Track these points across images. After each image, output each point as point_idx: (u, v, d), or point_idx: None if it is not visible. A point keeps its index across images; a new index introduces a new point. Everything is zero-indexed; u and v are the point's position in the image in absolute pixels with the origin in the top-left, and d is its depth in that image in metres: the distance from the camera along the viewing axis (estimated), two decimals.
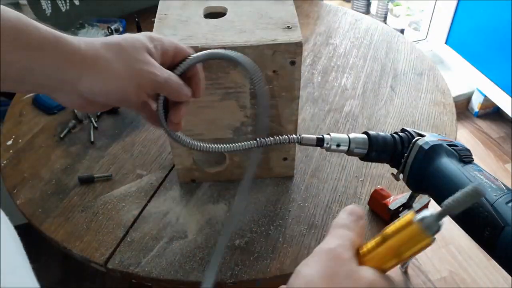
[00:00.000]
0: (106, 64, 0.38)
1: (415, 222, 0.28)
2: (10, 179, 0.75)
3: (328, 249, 0.31)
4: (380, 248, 0.30)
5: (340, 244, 0.31)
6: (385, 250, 0.30)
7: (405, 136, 0.52)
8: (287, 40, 0.56)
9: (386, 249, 0.30)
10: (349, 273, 0.29)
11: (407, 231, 0.29)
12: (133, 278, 0.61)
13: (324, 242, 0.32)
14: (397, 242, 0.29)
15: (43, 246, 1.56)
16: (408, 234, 0.29)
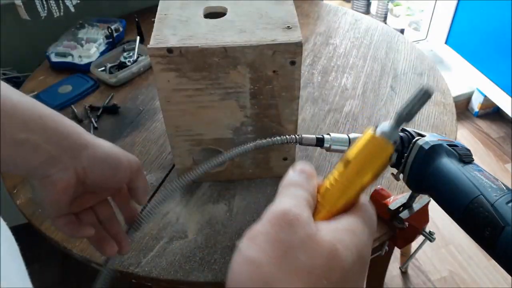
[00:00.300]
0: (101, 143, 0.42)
1: (377, 135, 0.29)
2: (10, 179, 0.75)
3: (282, 211, 0.26)
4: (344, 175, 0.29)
5: (295, 204, 0.27)
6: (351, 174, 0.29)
7: (405, 136, 0.52)
8: (287, 40, 0.56)
9: (351, 173, 0.29)
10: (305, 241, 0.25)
11: (370, 146, 0.29)
12: (133, 278, 0.61)
13: (276, 203, 0.28)
14: (362, 160, 0.29)
15: (43, 246, 1.56)
16: (372, 148, 0.29)
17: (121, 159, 0.43)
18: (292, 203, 0.27)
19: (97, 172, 0.41)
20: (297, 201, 0.28)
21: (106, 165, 0.42)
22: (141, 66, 0.99)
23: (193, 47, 0.55)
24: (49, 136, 0.38)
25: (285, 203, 0.27)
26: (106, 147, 0.42)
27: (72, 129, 0.40)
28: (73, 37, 1.06)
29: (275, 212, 0.26)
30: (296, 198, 0.28)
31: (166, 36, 0.57)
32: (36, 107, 0.38)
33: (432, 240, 0.64)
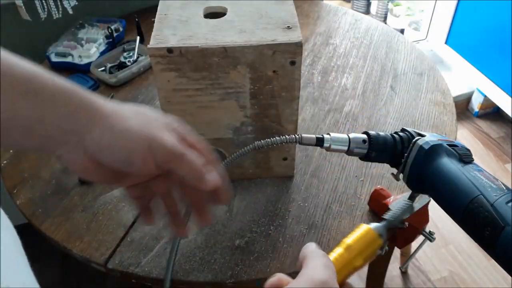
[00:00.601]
0: (120, 119, 0.34)
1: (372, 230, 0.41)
2: (10, 179, 0.75)
3: (322, 281, 0.31)
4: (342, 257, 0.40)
5: (331, 276, 0.32)
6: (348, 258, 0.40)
7: (405, 136, 0.52)
8: (287, 40, 0.56)
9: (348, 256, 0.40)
10: None
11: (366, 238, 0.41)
12: (133, 278, 0.61)
13: (313, 270, 0.32)
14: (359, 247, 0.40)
15: (43, 246, 1.56)
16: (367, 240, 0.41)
17: (136, 146, 0.34)
18: (328, 275, 0.31)
19: (107, 159, 0.34)
20: (332, 272, 0.32)
21: (115, 153, 0.34)
22: (141, 66, 0.99)
23: (193, 47, 0.56)
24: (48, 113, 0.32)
25: (323, 274, 0.31)
26: (119, 127, 0.34)
27: (80, 103, 0.33)
28: (73, 37, 1.06)
29: (315, 279, 0.31)
30: (330, 269, 0.32)
31: (166, 36, 0.57)
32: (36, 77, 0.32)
33: (432, 240, 0.64)
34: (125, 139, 0.34)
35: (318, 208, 0.69)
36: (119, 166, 0.35)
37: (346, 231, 0.65)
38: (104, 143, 0.33)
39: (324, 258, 0.33)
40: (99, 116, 0.34)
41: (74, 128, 0.33)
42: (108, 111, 0.34)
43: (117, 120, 0.34)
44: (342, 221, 0.66)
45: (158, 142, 0.34)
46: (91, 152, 0.34)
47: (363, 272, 1.37)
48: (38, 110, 0.31)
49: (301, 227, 0.66)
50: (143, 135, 0.34)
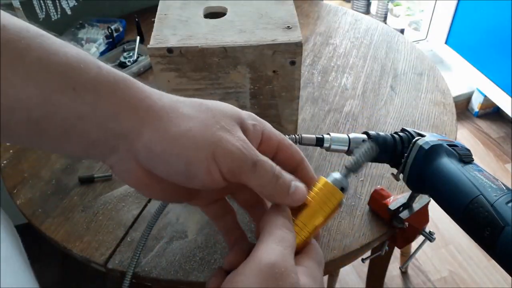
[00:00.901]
0: (178, 120, 0.28)
1: (330, 183, 0.34)
2: (10, 179, 0.75)
3: (269, 265, 0.26)
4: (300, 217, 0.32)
5: (282, 254, 0.27)
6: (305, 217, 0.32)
7: (405, 136, 0.52)
8: (287, 40, 0.56)
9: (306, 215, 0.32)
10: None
11: (323, 192, 0.33)
12: (133, 278, 0.61)
13: (262, 251, 0.27)
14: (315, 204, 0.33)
15: (43, 246, 1.56)
16: (324, 194, 0.33)
17: (196, 155, 0.27)
18: (278, 254, 0.27)
19: (162, 170, 0.28)
20: (285, 249, 0.28)
21: (171, 163, 0.28)
22: (141, 66, 0.99)
23: (193, 47, 0.56)
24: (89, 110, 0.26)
25: (271, 254, 0.27)
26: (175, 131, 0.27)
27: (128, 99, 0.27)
28: (73, 37, 1.06)
29: (261, 265, 0.26)
30: (283, 244, 0.28)
31: (166, 36, 0.57)
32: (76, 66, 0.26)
33: (432, 240, 0.64)
34: (183, 146, 0.27)
35: None
36: (177, 179, 0.29)
37: (346, 231, 0.65)
38: (156, 150, 0.27)
39: (279, 231, 0.29)
40: (151, 116, 0.28)
41: (120, 130, 0.27)
42: (163, 109, 0.28)
43: (173, 121, 0.28)
44: (342, 221, 0.66)
45: (224, 148, 0.28)
46: (142, 161, 0.28)
47: (363, 272, 1.37)
48: (79, 106, 0.26)
49: None
50: (206, 141, 0.28)
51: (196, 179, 0.28)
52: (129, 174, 0.29)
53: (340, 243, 0.63)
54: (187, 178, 0.28)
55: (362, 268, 1.38)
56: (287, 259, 0.27)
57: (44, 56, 0.25)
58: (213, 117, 0.29)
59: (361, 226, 0.66)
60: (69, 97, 0.26)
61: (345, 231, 0.65)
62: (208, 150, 0.28)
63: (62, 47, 0.27)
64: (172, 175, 0.28)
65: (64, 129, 0.26)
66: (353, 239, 0.64)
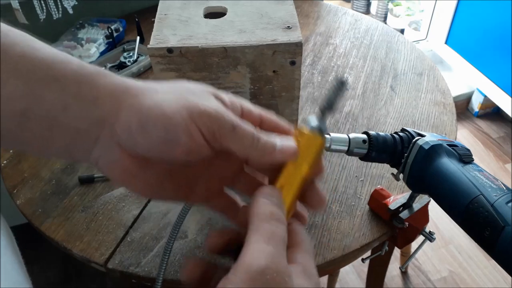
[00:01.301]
0: (152, 94, 0.28)
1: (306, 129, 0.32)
2: (10, 179, 0.75)
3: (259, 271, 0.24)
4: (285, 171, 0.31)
5: (274, 255, 0.25)
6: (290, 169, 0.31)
7: (405, 136, 0.52)
8: (287, 40, 0.56)
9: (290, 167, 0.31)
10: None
11: (303, 140, 0.31)
12: (133, 278, 0.61)
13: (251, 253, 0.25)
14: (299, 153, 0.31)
15: (43, 246, 1.56)
16: (303, 142, 0.31)
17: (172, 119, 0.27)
18: (268, 255, 0.25)
19: (145, 146, 0.28)
20: (274, 247, 0.26)
21: (151, 134, 0.28)
22: (141, 66, 0.99)
23: (193, 47, 0.56)
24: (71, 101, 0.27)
25: (261, 257, 0.25)
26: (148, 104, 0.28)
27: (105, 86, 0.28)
28: (73, 37, 1.06)
29: (251, 271, 0.24)
30: (273, 241, 0.26)
31: (166, 36, 0.57)
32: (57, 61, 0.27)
33: (432, 240, 0.64)
34: (159, 114, 0.27)
35: None
36: (161, 151, 0.28)
37: (346, 231, 0.65)
38: (134, 127, 0.28)
39: (267, 224, 0.27)
40: (127, 96, 0.28)
41: (100, 116, 0.28)
42: (138, 89, 0.29)
43: (147, 95, 0.28)
44: (342, 221, 0.66)
45: (200, 110, 0.28)
46: (124, 143, 0.28)
47: (363, 272, 1.37)
48: (62, 97, 0.27)
49: None
50: (181, 106, 0.28)
51: (179, 145, 0.28)
52: (115, 165, 0.29)
53: (340, 243, 0.63)
54: (169, 145, 0.28)
55: (362, 268, 1.38)
56: (279, 260, 0.26)
57: (28, 51, 0.26)
58: (186, 90, 0.30)
59: (361, 226, 0.66)
60: (53, 88, 0.27)
61: (345, 231, 0.65)
62: (185, 113, 0.28)
63: (44, 45, 0.28)
64: (154, 147, 0.28)
65: (48, 121, 0.27)
66: (353, 239, 0.64)
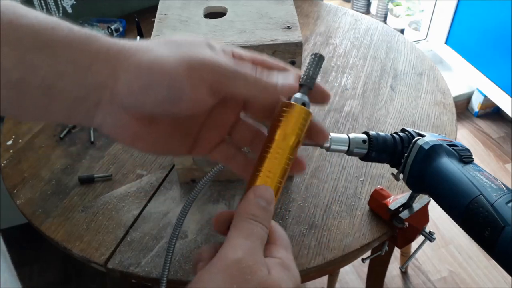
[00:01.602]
0: (148, 52, 0.28)
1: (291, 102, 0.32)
2: (10, 179, 0.75)
3: (235, 261, 0.26)
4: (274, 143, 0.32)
5: (249, 249, 0.27)
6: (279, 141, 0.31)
7: (405, 136, 0.52)
8: (287, 40, 0.56)
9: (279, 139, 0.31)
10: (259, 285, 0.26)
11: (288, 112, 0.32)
12: (133, 278, 0.61)
13: (229, 246, 0.27)
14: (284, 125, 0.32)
15: (43, 246, 1.56)
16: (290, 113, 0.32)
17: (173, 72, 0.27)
18: (245, 248, 0.27)
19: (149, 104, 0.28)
20: (251, 243, 0.27)
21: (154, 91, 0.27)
22: None
23: None
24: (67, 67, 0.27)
25: (237, 250, 0.27)
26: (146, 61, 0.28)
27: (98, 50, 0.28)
28: None
29: (228, 261, 0.26)
30: (250, 238, 0.28)
31: (166, 36, 0.57)
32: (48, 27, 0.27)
33: (432, 240, 0.64)
34: (158, 71, 0.27)
35: (318, 208, 0.69)
36: (166, 109, 0.28)
37: (346, 231, 0.65)
38: (135, 85, 0.27)
39: (247, 224, 0.28)
40: (123, 58, 0.28)
41: (97, 82, 0.28)
42: (132, 48, 0.28)
43: (143, 54, 0.28)
44: (342, 221, 0.66)
45: (200, 60, 0.28)
46: (127, 104, 0.28)
47: (363, 272, 1.37)
48: (55, 64, 0.27)
49: (301, 227, 0.66)
50: (180, 59, 0.28)
51: (183, 100, 0.28)
52: (119, 127, 0.29)
53: (340, 243, 0.63)
54: (174, 101, 0.28)
55: (362, 268, 1.38)
56: (256, 252, 0.27)
57: (14, 19, 0.26)
58: (181, 42, 0.29)
59: (361, 226, 0.66)
60: (45, 55, 0.26)
61: (345, 231, 0.65)
62: (185, 67, 0.27)
63: (31, 11, 0.27)
64: (158, 105, 0.28)
65: (45, 89, 0.27)
66: (353, 239, 0.64)
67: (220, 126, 0.34)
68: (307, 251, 0.63)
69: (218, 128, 0.34)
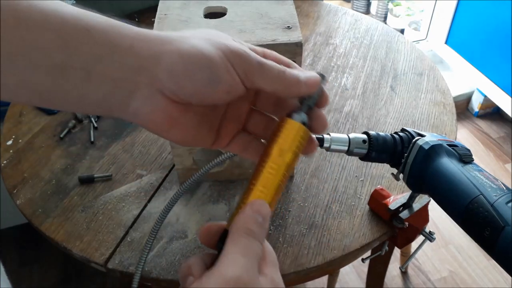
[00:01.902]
0: (184, 39, 0.30)
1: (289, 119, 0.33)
2: (10, 179, 0.75)
3: (233, 279, 0.26)
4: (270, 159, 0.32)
5: (246, 266, 0.27)
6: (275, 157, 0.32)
7: (405, 136, 0.52)
8: (287, 40, 0.56)
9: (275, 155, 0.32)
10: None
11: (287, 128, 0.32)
12: (133, 278, 0.61)
13: (227, 262, 0.27)
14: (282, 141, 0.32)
15: (43, 246, 1.56)
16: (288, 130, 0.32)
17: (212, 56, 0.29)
18: (242, 266, 0.27)
19: (190, 86, 0.29)
20: (249, 260, 0.28)
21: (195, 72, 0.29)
22: None
23: None
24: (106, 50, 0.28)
25: (235, 267, 0.27)
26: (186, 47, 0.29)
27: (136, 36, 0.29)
28: None
29: (226, 278, 0.26)
30: (248, 255, 0.28)
31: None
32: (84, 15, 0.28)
33: (432, 240, 0.64)
34: (199, 56, 0.29)
35: (318, 208, 0.69)
36: (205, 93, 0.29)
37: (346, 231, 0.65)
38: (178, 69, 0.29)
39: (244, 239, 0.29)
40: (162, 42, 0.29)
41: (137, 64, 0.28)
42: (169, 36, 0.30)
43: (181, 41, 0.29)
44: (342, 221, 0.66)
45: (233, 50, 0.30)
46: (167, 87, 0.29)
47: (363, 272, 1.37)
48: (95, 48, 0.28)
49: (301, 227, 0.66)
50: (214, 47, 0.29)
51: (221, 83, 0.29)
52: (158, 113, 0.30)
53: (340, 243, 0.64)
54: (213, 85, 0.29)
55: (362, 268, 1.38)
56: (253, 270, 0.28)
57: (57, 7, 0.27)
58: (211, 34, 0.31)
59: (361, 226, 0.66)
60: (85, 39, 0.27)
61: (345, 231, 0.65)
62: (221, 54, 0.29)
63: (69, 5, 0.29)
64: (199, 89, 0.29)
65: (84, 73, 0.27)
66: (353, 239, 0.64)
67: (238, 117, 0.35)
68: (307, 251, 0.63)
69: (236, 119, 0.35)
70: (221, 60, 0.29)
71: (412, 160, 0.49)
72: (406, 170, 0.50)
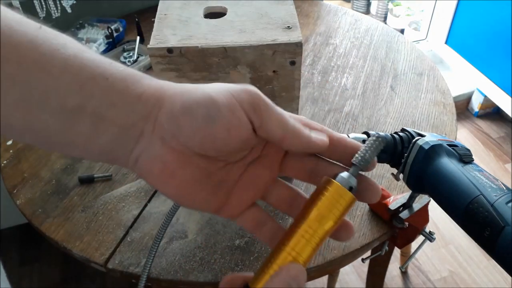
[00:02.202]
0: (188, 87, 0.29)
1: (337, 183, 0.29)
2: (10, 179, 0.75)
3: None
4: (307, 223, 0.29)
5: None
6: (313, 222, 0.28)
7: (405, 136, 0.52)
8: (287, 40, 0.56)
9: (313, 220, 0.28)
10: None
11: (332, 193, 0.29)
12: (133, 278, 0.61)
13: None
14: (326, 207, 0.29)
15: (43, 246, 1.56)
16: (333, 195, 0.29)
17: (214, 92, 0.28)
18: None
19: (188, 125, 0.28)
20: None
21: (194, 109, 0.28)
22: (141, 66, 0.99)
23: (193, 47, 0.56)
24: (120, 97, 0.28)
25: None
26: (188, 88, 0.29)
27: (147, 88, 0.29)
28: (73, 37, 1.05)
29: None
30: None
31: (166, 36, 0.57)
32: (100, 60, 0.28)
33: (432, 240, 0.64)
34: (200, 94, 0.28)
35: None
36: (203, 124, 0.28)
37: None
38: (177, 109, 0.28)
39: None
40: (167, 90, 0.29)
41: (145, 111, 0.28)
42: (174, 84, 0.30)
43: (184, 87, 0.29)
44: None
45: (240, 87, 0.29)
46: (168, 131, 0.28)
47: (363, 272, 1.37)
48: (109, 94, 0.27)
49: None
50: (225, 88, 0.29)
51: (219, 117, 0.27)
52: (156, 160, 0.29)
53: (340, 243, 0.64)
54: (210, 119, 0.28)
55: (362, 268, 1.38)
56: None
57: (78, 52, 0.28)
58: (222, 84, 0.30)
59: (361, 226, 0.66)
60: (102, 85, 0.27)
61: None
62: (226, 92, 0.28)
63: (90, 50, 0.29)
64: (197, 125, 0.28)
65: (95, 118, 0.27)
66: (353, 239, 0.64)
67: (254, 186, 0.32)
68: None
69: (254, 186, 0.32)
70: (225, 98, 0.28)
71: (412, 160, 0.49)
72: (406, 170, 0.50)
